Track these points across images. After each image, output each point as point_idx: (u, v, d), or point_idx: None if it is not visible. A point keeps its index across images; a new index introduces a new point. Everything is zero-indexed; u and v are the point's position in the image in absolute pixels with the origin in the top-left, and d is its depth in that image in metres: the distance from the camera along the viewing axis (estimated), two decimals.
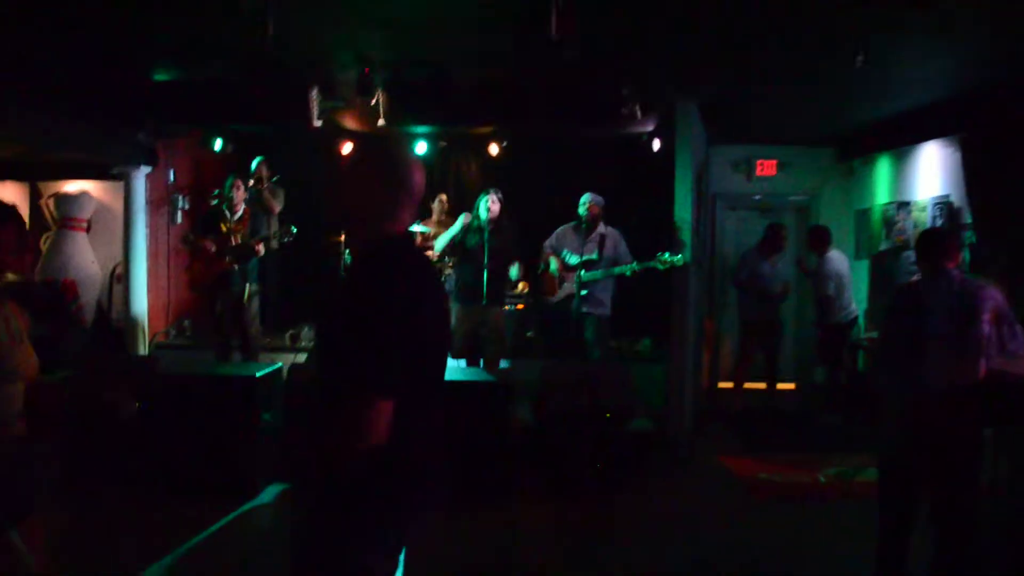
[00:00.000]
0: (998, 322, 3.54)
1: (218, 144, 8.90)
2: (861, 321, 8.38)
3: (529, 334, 8.10)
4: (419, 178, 2.26)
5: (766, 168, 9.22)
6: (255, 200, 8.49)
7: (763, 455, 6.56)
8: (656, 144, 8.15)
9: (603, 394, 5.54)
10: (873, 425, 3.92)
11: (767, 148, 9.16)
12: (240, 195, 6.98)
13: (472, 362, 6.70)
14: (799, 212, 9.46)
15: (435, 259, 7.57)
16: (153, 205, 8.13)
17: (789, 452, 6.69)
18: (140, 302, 8.00)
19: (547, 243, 6.99)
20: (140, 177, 7.91)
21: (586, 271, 6.62)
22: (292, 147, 9.04)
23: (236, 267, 6.84)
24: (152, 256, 8.13)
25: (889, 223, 8.18)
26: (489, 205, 6.53)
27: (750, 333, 8.13)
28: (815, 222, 8.82)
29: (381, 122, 6.26)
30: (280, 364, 5.95)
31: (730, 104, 7.33)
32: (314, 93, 5.92)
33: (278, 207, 8.33)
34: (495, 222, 6.55)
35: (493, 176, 9.22)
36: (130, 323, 7.97)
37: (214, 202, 7.54)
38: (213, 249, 6.90)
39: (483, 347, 6.72)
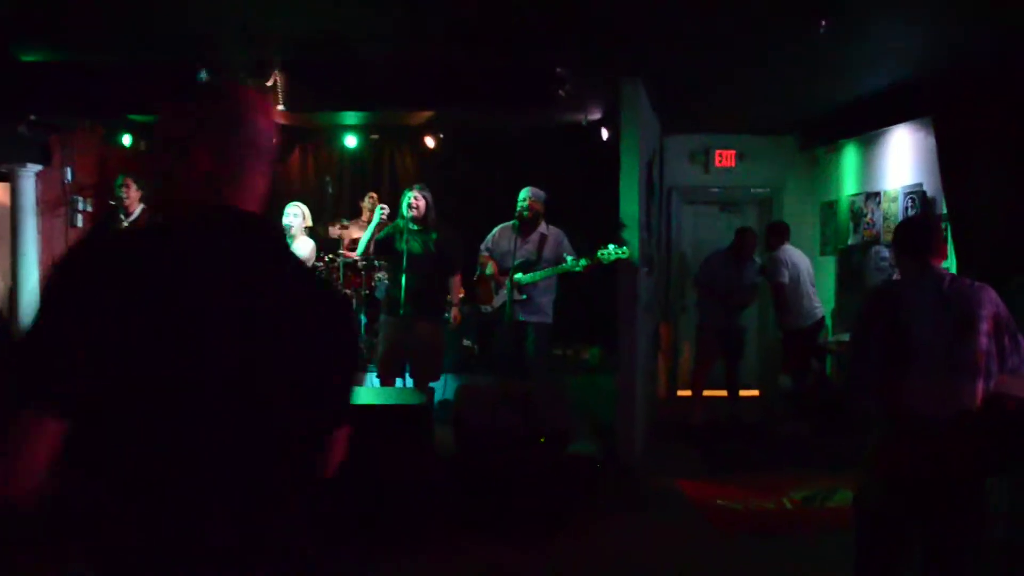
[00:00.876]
0: (997, 332, 2.87)
1: (126, 139, 8.12)
2: (828, 322, 7.75)
3: (467, 343, 7.35)
4: (265, 125, 1.53)
5: (725, 159, 8.58)
6: None
7: (724, 476, 5.87)
8: (604, 133, 7.48)
9: (536, 414, 4.82)
10: (842, 435, 3.20)
11: (725, 138, 8.52)
12: (133, 195, 6.16)
13: (389, 381, 5.95)
14: (761, 206, 8.82)
15: (361, 262, 6.82)
16: (46, 207, 7.26)
17: (753, 471, 6.02)
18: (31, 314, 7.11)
19: (483, 245, 6.26)
20: (28, 176, 7.04)
21: (524, 273, 5.90)
22: None
23: None
24: (44, 263, 7.26)
25: (857, 216, 7.56)
26: (411, 202, 5.78)
27: (709, 338, 7.46)
28: (777, 217, 8.21)
29: (280, 107, 5.49)
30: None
31: (683, 88, 6.65)
32: (202, 75, 5.13)
33: None
34: (420, 221, 5.81)
35: (430, 171, 8.52)
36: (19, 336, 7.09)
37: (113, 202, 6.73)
38: None
39: (412, 364, 5.98)
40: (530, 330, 5.93)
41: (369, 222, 6.74)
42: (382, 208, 5.93)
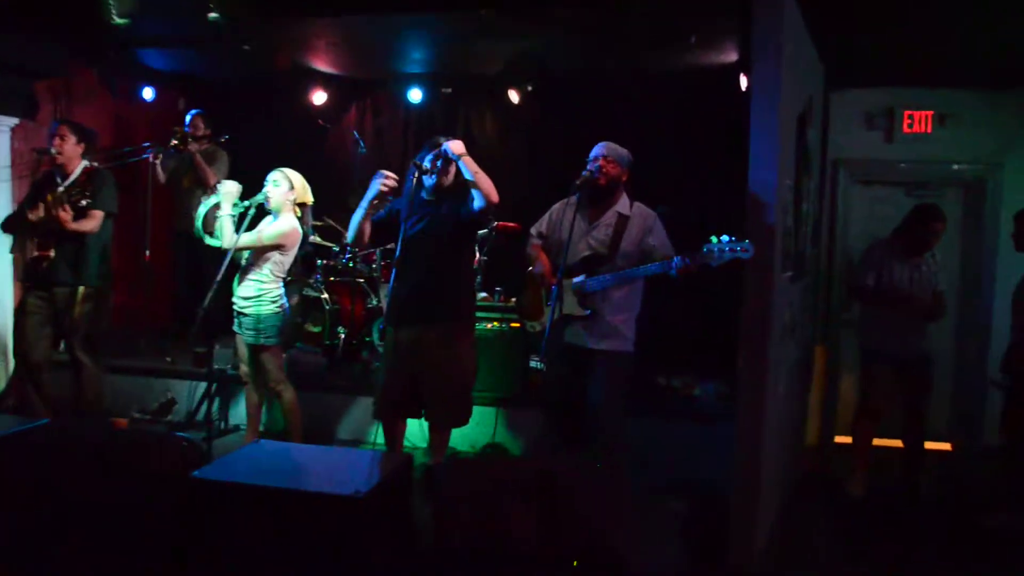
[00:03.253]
0: None
1: (148, 93, 6.77)
2: None
3: (534, 363, 5.40)
4: None
5: (917, 123, 6.16)
6: (185, 168, 6.30)
7: None
8: (744, 82, 5.40)
9: (569, 515, 2.85)
10: None
11: (918, 92, 6.12)
12: (70, 149, 4.62)
13: (394, 426, 4.15)
14: (969, 190, 6.34)
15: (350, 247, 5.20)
16: (26, 168, 5.96)
17: None
18: (4, 296, 5.84)
19: (535, 228, 4.32)
20: (3, 131, 5.73)
21: (587, 275, 3.93)
22: (245, 97, 6.80)
23: (51, 257, 4.52)
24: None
25: None
26: (430, 162, 3.96)
27: (879, 369, 5.19)
28: (996, 203, 5.76)
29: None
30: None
31: (856, 10, 4.44)
32: None
33: (215, 177, 6.10)
34: (443, 190, 3.98)
35: (515, 135, 6.69)
36: None
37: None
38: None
39: (424, 398, 4.13)
40: (596, 364, 3.95)
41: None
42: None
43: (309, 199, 4.71)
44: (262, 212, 4.65)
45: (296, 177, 4.62)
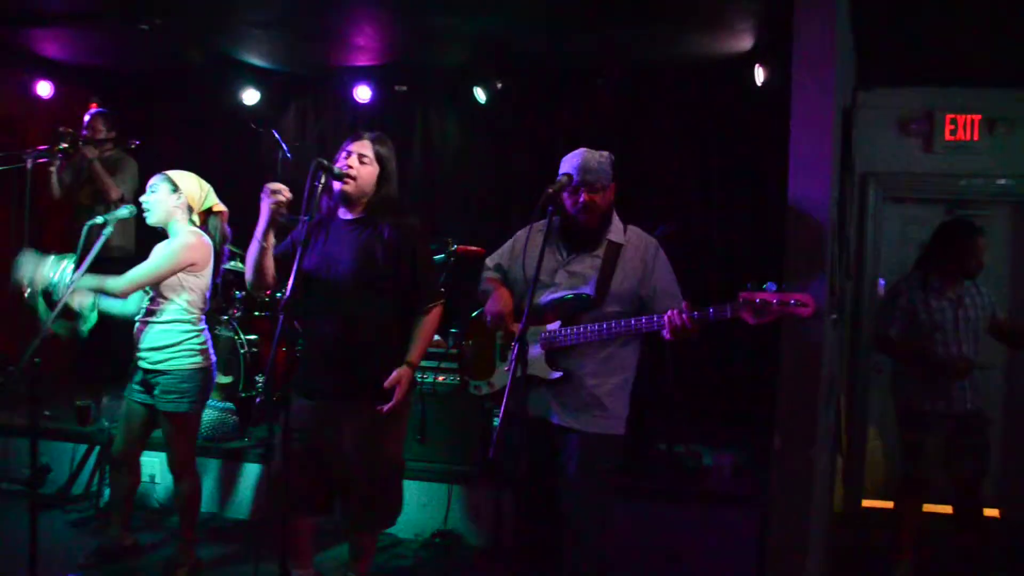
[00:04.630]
0: None
1: (45, 88, 5.71)
2: None
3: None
4: None
5: (962, 129, 5.17)
6: (81, 178, 5.23)
7: None
8: (759, 73, 4.42)
9: None
10: None
11: (963, 93, 5.15)
12: None
13: (297, 532, 3.03)
14: (1020, 210, 5.34)
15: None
16: None
17: None
18: None
19: (491, 259, 3.23)
20: None
21: (563, 323, 2.85)
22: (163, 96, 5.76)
23: None
24: None
25: None
26: (342, 164, 2.89)
27: (924, 434, 4.12)
28: None
29: None
30: None
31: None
32: None
33: (118, 191, 5.04)
34: (355, 202, 2.91)
35: (481, 138, 5.66)
36: None
37: None
38: None
39: (343, 494, 3.01)
40: (569, 448, 2.86)
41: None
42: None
43: (217, 204, 3.60)
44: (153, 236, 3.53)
45: (184, 179, 3.51)
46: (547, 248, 2.82)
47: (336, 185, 2.89)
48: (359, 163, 2.91)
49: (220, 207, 3.63)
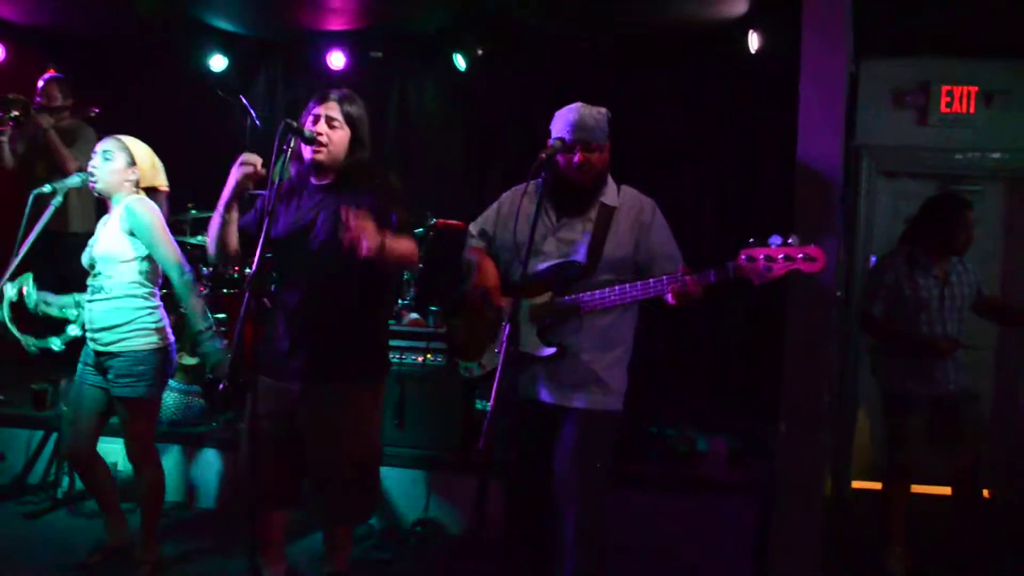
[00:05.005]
0: None
1: None
2: None
3: (480, 404, 4.07)
4: None
5: (958, 101, 5.02)
6: (40, 150, 4.94)
7: None
8: (753, 40, 4.25)
9: None
10: None
11: (959, 64, 4.98)
12: None
13: (268, 525, 2.80)
14: (1015, 186, 5.19)
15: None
16: None
17: None
18: None
19: (474, 224, 3.01)
20: None
21: (555, 293, 2.65)
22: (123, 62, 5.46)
23: None
24: None
25: None
26: (311, 127, 2.64)
27: (908, 416, 3.96)
28: None
29: None
30: None
31: None
32: None
33: (75, 162, 4.78)
34: (327, 167, 2.67)
35: (461, 108, 5.42)
36: None
37: None
38: None
39: (315, 486, 2.79)
40: (564, 427, 2.67)
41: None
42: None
43: (162, 183, 3.34)
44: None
45: (139, 148, 3.24)
46: (539, 212, 2.62)
47: (306, 152, 2.65)
48: (328, 127, 2.66)
49: (165, 187, 3.37)
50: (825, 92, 2.56)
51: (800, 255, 2.32)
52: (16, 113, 4.63)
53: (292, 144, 2.51)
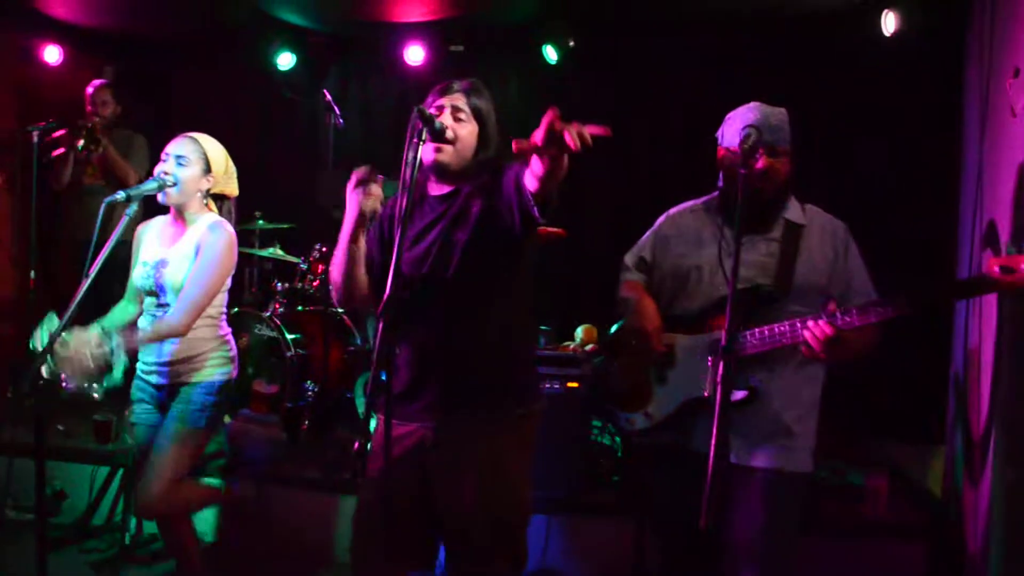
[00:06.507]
0: None
1: (53, 53, 5.12)
2: None
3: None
4: None
5: None
6: (86, 160, 4.62)
7: None
8: (890, 21, 3.80)
9: None
10: None
11: None
12: None
13: None
14: None
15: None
16: None
17: None
18: None
19: (632, 255, 2.57)
20: None
21: (743, 326, 2.16)
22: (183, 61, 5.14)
23: None
24: None
25: None
26: (440, 122, 2.17)
27: None
28: None
29: None
30: None
31: None
32: None
33: (136, 174, 4.49)
34: (452, 170, 2.22)
35: (548, 106, 4.89)
36: None
37: None
38: None
39: (449, 543, 2.31)
40: (750, 491, 2.20)
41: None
42: None
43: (233, 190, 2.91)
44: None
45: (215, 149, 2.81)
46: (712, 228, 2.21)
47: (426, 153, 2.19)
48: (454, 120, 2.21)
49: (234, 190, 2.95)
50: None
51: None
52: (82, 142, 4.37)
53: (423, 138, 2.05)
